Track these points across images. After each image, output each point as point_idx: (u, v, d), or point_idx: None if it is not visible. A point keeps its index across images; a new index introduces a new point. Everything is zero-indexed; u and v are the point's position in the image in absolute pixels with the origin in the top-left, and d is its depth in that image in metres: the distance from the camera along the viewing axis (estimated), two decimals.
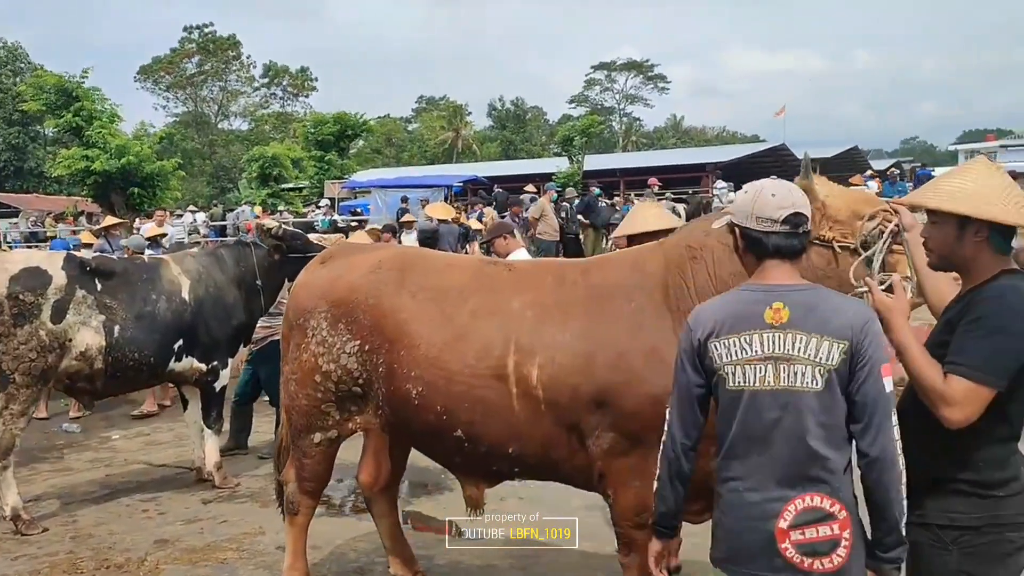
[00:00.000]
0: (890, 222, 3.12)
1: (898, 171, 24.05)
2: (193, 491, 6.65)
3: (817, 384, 2.40)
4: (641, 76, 76.34)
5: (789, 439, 2.43)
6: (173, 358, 6.47)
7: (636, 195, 24.02)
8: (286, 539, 4.48)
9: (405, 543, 4.76)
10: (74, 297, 6.04)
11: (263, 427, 8.15)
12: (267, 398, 7.86)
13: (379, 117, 63.94)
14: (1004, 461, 2.54)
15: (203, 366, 6.65)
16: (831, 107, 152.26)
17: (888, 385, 2.41)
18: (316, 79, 68.16)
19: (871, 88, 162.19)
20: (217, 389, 6.82)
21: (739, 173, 28.49)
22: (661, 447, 2.68)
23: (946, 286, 2.79)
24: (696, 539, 3.70)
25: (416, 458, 4.53)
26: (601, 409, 3.49)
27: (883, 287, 3.02)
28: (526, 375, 3.57)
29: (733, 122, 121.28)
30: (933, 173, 21.26)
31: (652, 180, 22.76)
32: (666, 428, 2.68)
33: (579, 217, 18.25)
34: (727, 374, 2.50)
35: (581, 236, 18.19)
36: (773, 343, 2.44)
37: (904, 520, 2.42)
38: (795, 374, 2.42)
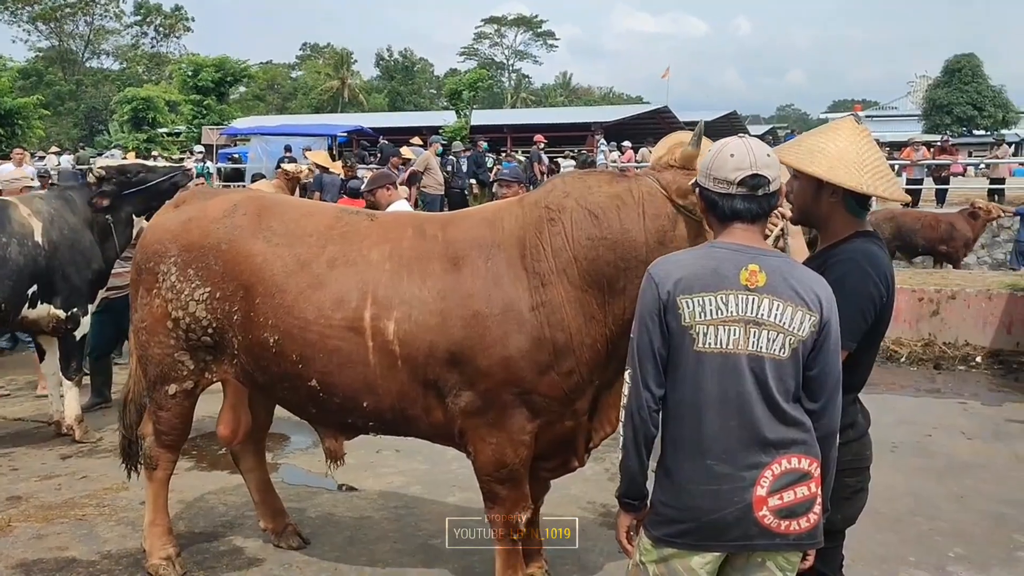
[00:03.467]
0: (776, 225, 3.09)
1: (771, 137, 25.01)
2: (51, 446, 6.33)
3: (784, 352, 2.35)
4: (530, 32, 76.30)
5: (761, 404, 2.36)
6: (26, 305, 6.10)
7: (523, 151, 24.10)
8: (146, 495, 4.33)
9: (275, 496, 4.68)
10: None
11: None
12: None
13: (262, 63, 61.69)
14: (842, 411, 2.61)
15: (61, 313, 6.30)
16: (712, 72, 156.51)
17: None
18: (193, 19, 64.94)
19: (750, 56, 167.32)
20: (77, 338, 6.48)
21: (623, 133, 28.94)
22: (623, 413, 2.46)
23: None
24: None
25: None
26: (457, 368, 3.48)
27: None
28: (382, 329, 3.52)
29: (616, 82, 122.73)
30: None
31: (538, 137, 22.85)
32: (628, 392, 2.45)
33: (471, 181, 18.34)
34: (697, 333, 2.36)
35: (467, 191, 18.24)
36: (748, 306, 2.35)
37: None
38: (766, 340, 2.35)
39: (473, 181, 18.99)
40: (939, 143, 23.79)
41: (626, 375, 2.47)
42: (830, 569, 2.76)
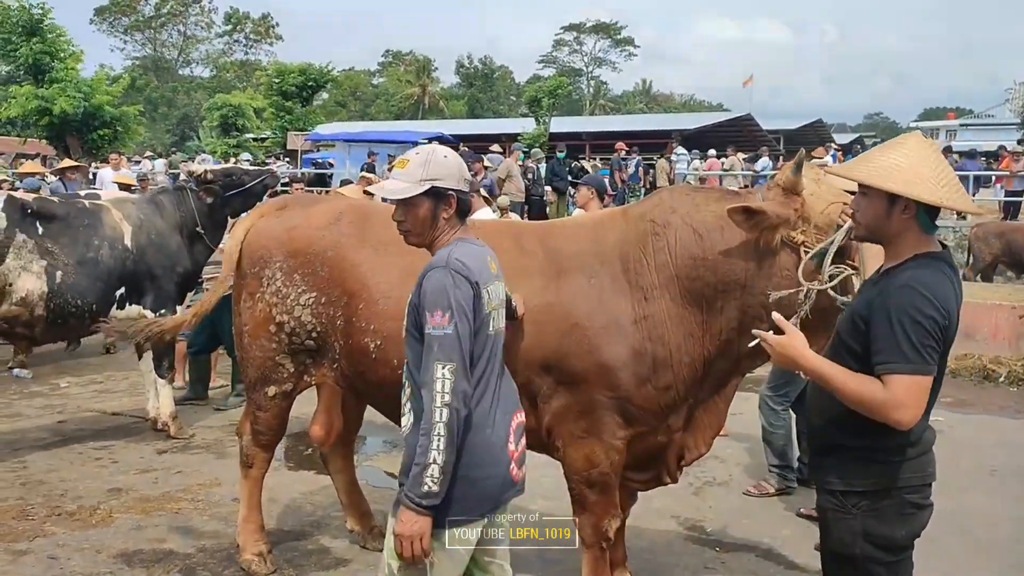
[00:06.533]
0: (848, 218, 3.02)
1: (859, 146, 24.31)
2: (147, 440, 6.56)
3: (504, 323, 2.82)
4: (609, 39, 76.04)
5: (510, 372, 2.81)
6: (115, 306, 6.32)
7: (602, 159, 24.01)
8: (240, 492, 4.44)
9: (362, 498, 4.76)
10: (14, 241, 5.85)
11: (221, 379, 8.07)
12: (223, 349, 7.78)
13: (345, 70, 62.99)
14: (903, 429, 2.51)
15: (150, 314, 6.48)
16: (795, 79, 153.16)
17: None
18: (278, 24, 66.90)
19: (836, 62, 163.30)
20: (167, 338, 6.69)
21: (705, 141, 28.57)
22: (444, 411, 2.45)
23: None
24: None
25: (375, 414, 4.51)
26: (551, 373, 3.49)
27: (834, 280, 3.04)
28: None
29: (697, 90, 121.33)
30: None
31: (619, 144, 22.73)
32: (448, 388, 2.45)
33: (548, 187, 18.33)
34: (491, 318, 2.66)
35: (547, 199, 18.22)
36: (499, 292, 2.76)
37: None
38: (501, 317, 2.78)
39: (549, 188, 18.93)
40: None
41: (444, 370, 2.47)
42: None
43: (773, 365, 5.52)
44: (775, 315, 2.70)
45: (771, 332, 2.66)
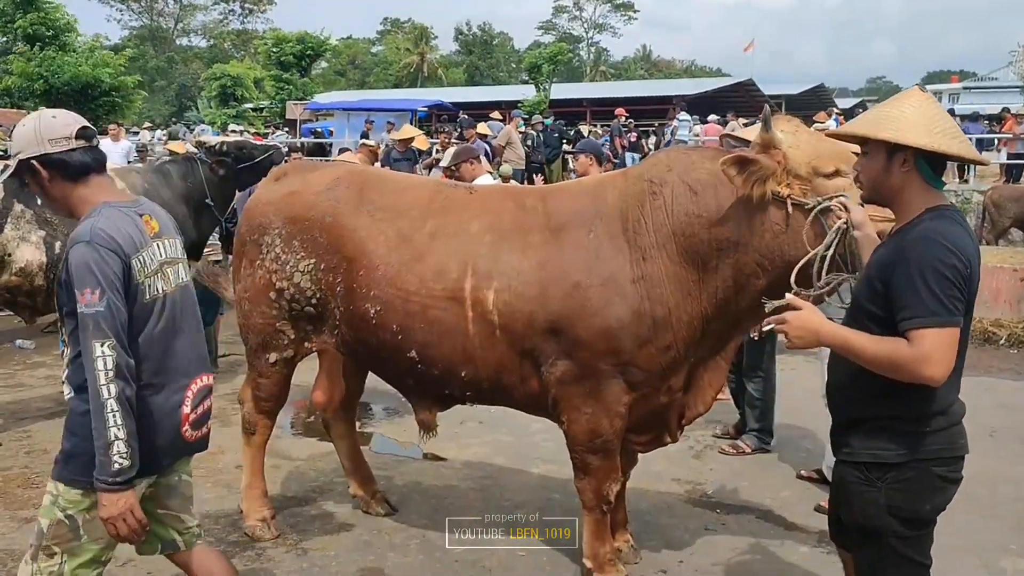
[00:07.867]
0: (840, 218, 2.99)
1: (861, 111, 24.13)
2: None
3: (188, 276, 2.82)
4: (608, 4, 75.30)
5: (190, 331, 2.76)
6: None
7: (603, 125, 23.87)
8: (243, 459, 4.47)
9: (364, 463, 4.79)
10: (12, 211, 5.82)
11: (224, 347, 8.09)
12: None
13: (343, 38, 62.45)
14: (929, 396, 2.46)
15: None
16: (798, 44, 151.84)
17: None
18: None
19: (838, 26, 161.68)
20: None
21: (706, 107, 28.39)
22: (111, 388, 2.40)
23: None
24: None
25: (377, 381, 4.52)
26: (555, 337, 3.50)
27: (828, 287, 2.97)
28: (482, 299, 3.55)
29: (696, 55, 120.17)
30: None
31: (619, 110, 22.59)
32: (111, 364, 2.41)
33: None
34: (146, 287, 2.60)
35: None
36: (161, 251, 2.68)
37: None
38: (178, 273, 2.75)
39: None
40: None
41: (103, 348, 2.42)
42: (919, 555, 2.63)
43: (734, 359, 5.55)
44: (788, 296, 2.64)
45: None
